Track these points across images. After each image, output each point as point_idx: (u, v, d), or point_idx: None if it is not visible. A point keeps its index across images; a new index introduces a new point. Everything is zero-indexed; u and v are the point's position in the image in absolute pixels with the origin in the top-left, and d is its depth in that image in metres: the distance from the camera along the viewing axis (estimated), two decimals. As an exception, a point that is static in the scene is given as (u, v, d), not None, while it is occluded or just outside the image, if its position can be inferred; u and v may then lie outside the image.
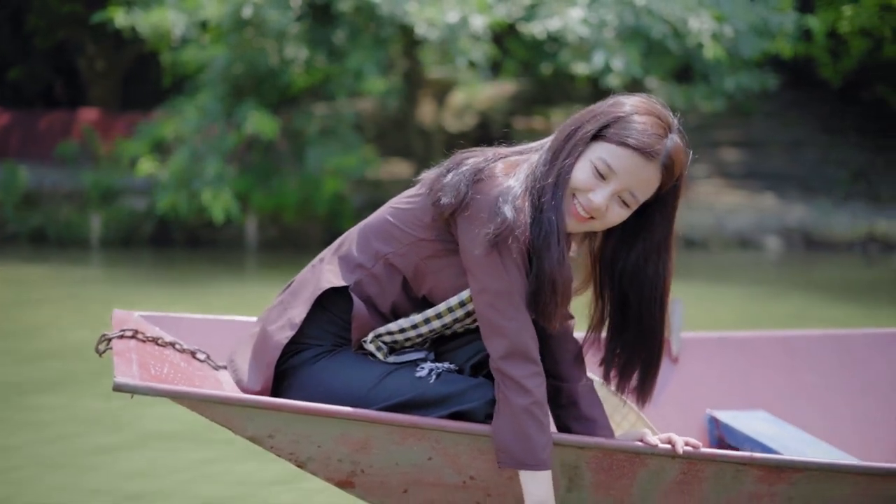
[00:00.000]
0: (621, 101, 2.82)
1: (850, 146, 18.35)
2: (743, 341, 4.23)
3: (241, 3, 12.85)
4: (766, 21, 14.49)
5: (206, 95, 13.46)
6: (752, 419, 3.98)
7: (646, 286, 2.91)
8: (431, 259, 2.84)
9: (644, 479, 2.84)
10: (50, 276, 11.85)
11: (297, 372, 2.88)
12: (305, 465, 2.87)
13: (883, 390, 4.24)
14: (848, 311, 9.86)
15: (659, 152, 2.75)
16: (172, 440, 5.04)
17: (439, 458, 2.83)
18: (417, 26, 13.14)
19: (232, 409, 2.75)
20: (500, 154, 2.85)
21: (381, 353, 2.89)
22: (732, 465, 2.83)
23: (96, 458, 4.68)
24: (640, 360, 2.98)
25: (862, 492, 2.87)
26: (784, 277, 13.40)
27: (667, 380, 4.08)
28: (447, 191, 2.74)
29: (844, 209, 16.53)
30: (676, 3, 13.68)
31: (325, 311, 2.89)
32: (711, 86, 14.49)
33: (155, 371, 2.89)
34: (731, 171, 17.83)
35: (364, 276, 2.88)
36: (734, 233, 15.88)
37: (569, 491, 2.87)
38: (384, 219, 2.91)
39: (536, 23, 13.49)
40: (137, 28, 13.60)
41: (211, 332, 3.40)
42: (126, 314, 3.26)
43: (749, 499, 2.87)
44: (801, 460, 2.86)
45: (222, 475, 4.48)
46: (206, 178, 12.93)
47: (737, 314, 9.71)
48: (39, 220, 14.78)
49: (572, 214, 2.77)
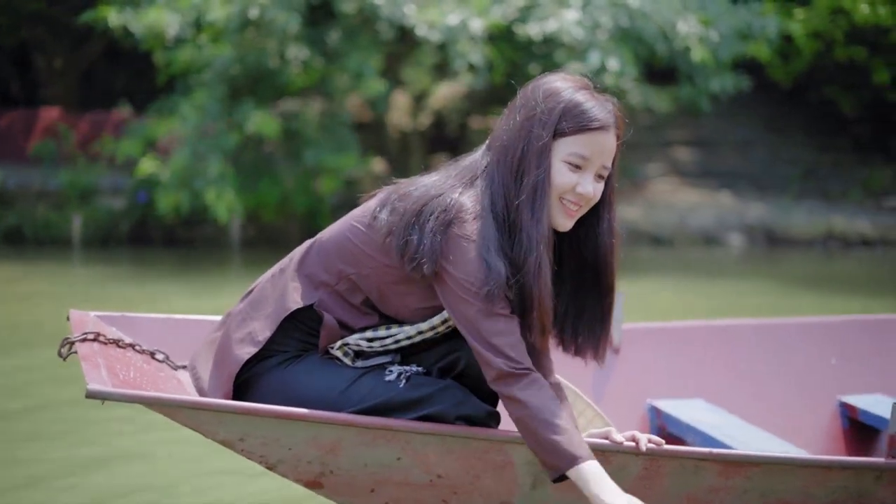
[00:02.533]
0: (549, 89, 2.80)
1: (798, 146, 18.82)
2: (681, 331, 4.34)
3: (247, 3, 12.81)
4: (750, 25, 14.82)
5: (205, 95, 13.30)
6: (691, 408, 4.10)
7: (602, 237, 2.94)
8: (396, 284, 2.83)
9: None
10: (38, 275, 11.69)
11: (263, 378, 2.89)
12: (275, 466, 2.89)
13: (814, 377, 4.39)
14: (822, 302, 10.22)
15: (611, 121, 2.82)
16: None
17: (408, 458, 2.87)
18: (418, 28, 13.16)
19: (204, 415, 2.76)
20: (452, 187, 2.79)
21: (347, 358, 2.91)
22: (693, 460, 2.92)
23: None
24: (598, 318, 2.99)
25: (813, 483, 2.98)
26: (754, 272, 13.72)
27: (609, 371, 4.18)
28: (427, 261, 2.71)
29: (800, 207, 16.97)
30: (665, 7, 13.94)
31: (290, 321, 2.89)
32: (696, 87, 14.77)
33: (123, 375, 2.88)
34: (686, 169, 18.17)
35: (328, 294, 2.88)
36: (698, 230, 16.22)
37: (533, 489, 2.93)
38: (346, 237, 2.89)
39: (533, 24, 13.62)
40: (130, 28, 13.40)
41: (167, 331, 3.40)
42: (83, 315, 3.24)
43: (707, 492, 2.96)
44: (759, 455, 2.96)
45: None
46: (209, 177, 12.81)
47: (714, 306, 9.95)
48: (14, 219, 14.56)
49: (565, 214, 2.79)
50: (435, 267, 2.72)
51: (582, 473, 2.67)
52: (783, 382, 4.38)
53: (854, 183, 18.06)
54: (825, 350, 4.44)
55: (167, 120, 13.53)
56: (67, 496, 4.26)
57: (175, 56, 13.41)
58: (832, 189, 17.89)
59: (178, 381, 3.13)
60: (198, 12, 13.19)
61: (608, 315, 3.01)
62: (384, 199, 2.87)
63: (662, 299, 10.03)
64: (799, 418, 4.33)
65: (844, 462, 2.99)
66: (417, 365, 2.92)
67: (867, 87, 18.10)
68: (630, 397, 4.16)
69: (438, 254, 2.71)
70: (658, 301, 9.79)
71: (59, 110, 17.09)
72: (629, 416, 4.11)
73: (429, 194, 2.79)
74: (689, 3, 14.31)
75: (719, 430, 3.81)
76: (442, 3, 13.35)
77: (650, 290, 10.54)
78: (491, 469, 2.88)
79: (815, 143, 18.88)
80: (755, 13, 15.01)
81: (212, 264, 12.98)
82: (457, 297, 2.73)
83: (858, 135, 19.16)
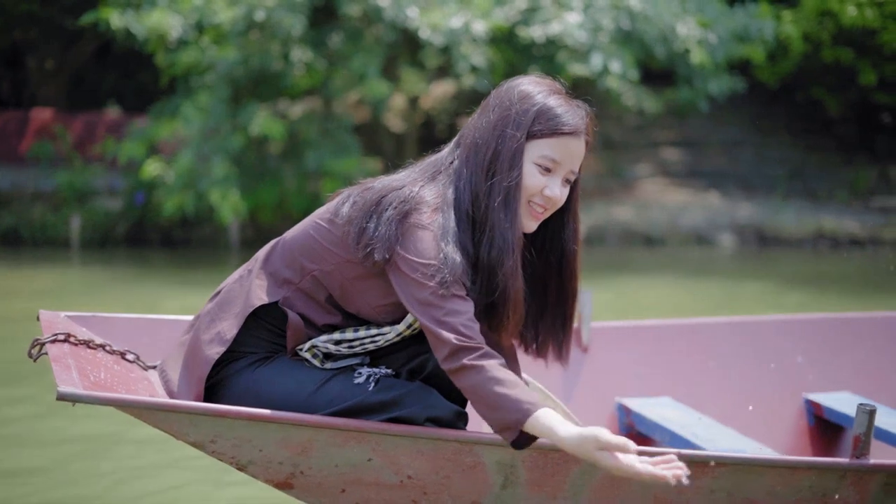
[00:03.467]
0: (524, 91, 2.83)
1: (784, 146, 18.98)
2: (649, 329, 4.38)
3: (253, 6, 12.80)
4: (747, 27, 14.92)
5: (208, 96, 13.27)
6: (659, 406, 4.14)
7: (567, 244, 2.97)
8: (357, 280, 2.85)
9: (576, 476, 2.94)
10: (38, 276, 11.63)
11: (233, 379, 2.90)
12: (246, 467, 2.90)
13: (780, 375, 4.44)
14: (820, 301, 10.35)
15: (583, 127, 2.84)
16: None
17: (378, 459, 2.89)
18: (421, 31, 13.17)
19: (176, 417, 2.77)
20: (413, 181, 2.83)
21: (316, 360, 2.92)
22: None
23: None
24: (561, 320, 3.03)
25: (779, 483, 3.02)
26: (750, 272, 13.84)
27: (577, 369, 4.21)
28: (378, 246, 2.72)
29: (788, 207, 17.12)
30: (664, 10, 14.01)
31: (257, 321, 2.91)
32: (694, 89, 14.86)
33: (94, 377, 2.88)
34: (673, 170, 18.27)
35: (292, 292, 2.90)
36: (689, 230, 16.34)
37: (503, 488, 2.96)
38: (309, 234, 2.91)
39: (536, 27, 13.65)
40: (132, 29, 13.36)
41: (138, 331, 3.40)
42: (53, 315, 3.23)
43: (675, 492, 2.99)
44: (725, 455, 2.99)
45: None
46: (214, 178, 12.78)
47: (715, 304, 10.04)
48: (11, 220, 14.48)
49: (531, 216, 2.82)
50: (387, 253, 2.72)
51: (539, 422, 2.58)
52: (750, 380, 4.42)
53: (840, 183, 18.24)
54: (791, 348, 4.50)
55: (170, 121, 13.53)
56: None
57: (178, 58, 13.39)
58: (819, 189, 18.06)
59: (148, 382, 3.13)
60: (200, 14, 13.20)
61: (570, 319, 3.06)
62: (347, 195, 2.91)
63: (667, 297, 10.14)
64: (765, 416, 4.37)
65: (810, 462, 3.03)
66: (386, 367, 2.94)
67: (853, 88, 18.28)
68: (599, 396, 4.19)
69: (393, 241, 2.73)
70: (664, 299, 9.92)
71: (51, 111, 17.07)
72: (598, 414, 4.14)
73: (390, 186, 2.83)
74: (688, 6, 14.42)
75: (687, 428, 3.85)
76: (444, 5, 13.38)
77: (645, 288, 10.65)
78: (461, 470, 2.90)
79: (800, 144, 19.06)
80: (752, 16, 15.13)
81: (210, 265, 13.00)
82: (410, 280, 2.72)
83: (843, 135, 19.37)
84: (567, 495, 2.98)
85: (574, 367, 4.19)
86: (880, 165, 18.64)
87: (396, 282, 2.76)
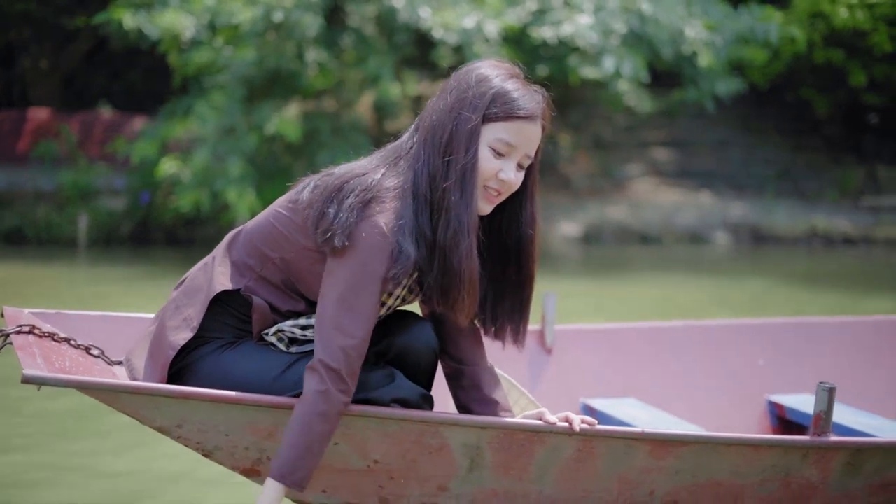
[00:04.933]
0: (482, 75, 2.85)
1: (772, 146, 19.16)
2: (613, 332, 4.42)
3: (271, 6, 12.87)
4: (753, 30, 15.13)
5: (223, 96, 13.31)
6: (623, 406, 4.17)
7: (524, 228, 2.97)
8: (316, 266, 2.86)
9: (542, 458, 2.96)
10: (46, 277, 11.52)
11: (198, 365, 2.90)
12: (212, 454, 2.90)
13: (743, 377, 4.49)
14: (824, 298, 10.43)
15: (539, 111, 2.85)
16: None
17: (345, 443, 2.89)
18: (434, 30, 13.27)
19: (141, 399, 2.77)
20: (375, 168, 2.86)
21: (282, 343, 2.94)
22: (624, 440, 2.97)
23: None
24: (518, 304, 3.02)
25: (742, 463, 3.05)
26: (748, 269, 13.91)
27: (542, 371, 4.24)
28: (339, 233, 2.73)
29: (780, 206, 17.28)
30: (672, 13, 14.20)
31: (223, 307, 2.92)
32: (700, 90, 15.04)
33: (59, 364, 2.89)
34: (664, 170, 18.38)
35: (254, 280, 2.92)
36: (683, 228, 16.44)
37: (470, 471, 2.97)
38: (269, 223, 2.93)
39: (548, 27, 13.79)
40: (144, 30, 13.41)
41: (100, 328, 3.39)
42: (17, 311, 3.23)
43: (639, 473, 3.02)
44: (687, 434, 3.02)
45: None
46: (230, 177, 12.81)
47: (721, 301, 10.08)
48: (15, 220, 14.38)
49: (485, 199, 2.83)
50: (347, 240, 2.73)
51: (274, 489, 2.71)
52: (713, 382, 4.47)
53: (829, 183, 18.44)
54: (753, 351, 4.55)
55: (182, 121, 13.57)
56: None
57: (191, 58, 13.46)
58: (807, 189, 18.24)
59: (113, 376, 3.13)
60: (212, 15, 13.29)
61: (527, 303, 3.05)
62: (308, 181, 2.93)
63: (672, 295, 10.19)
64: (729, 417, 4.41)
65: (772, 440, 3.06)
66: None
67: (842, 90, 18.51)
68: (563, 397, 4.21)
69: (352, 228, 2.74)
70: (670, 297, 9.98)
71: (48, 111, 17.03)
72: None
73: (352, 172, 2.85)
74: (693, 10, 14.64)
75: (654, 426, 3.87)
76: (457, 5, 13.50)
77: (649, 286, 10.71)
78: (427, 452, 2.91)
79: (788, 144, 19.23)
80: (756, 18, 15.36)
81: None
82: (341, 277, 2.74)
83: (830, 135, 19.58)
84: (533, 477, 2.99)
85: (538, 367, 4.22)
86: (867, 165, 18.88)
87: (332, 265, 2.77)
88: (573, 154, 17.82)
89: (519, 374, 4.13)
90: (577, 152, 17.94)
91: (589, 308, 9.36)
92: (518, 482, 3.00)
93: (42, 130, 16.46)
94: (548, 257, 13.65)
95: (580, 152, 18.01)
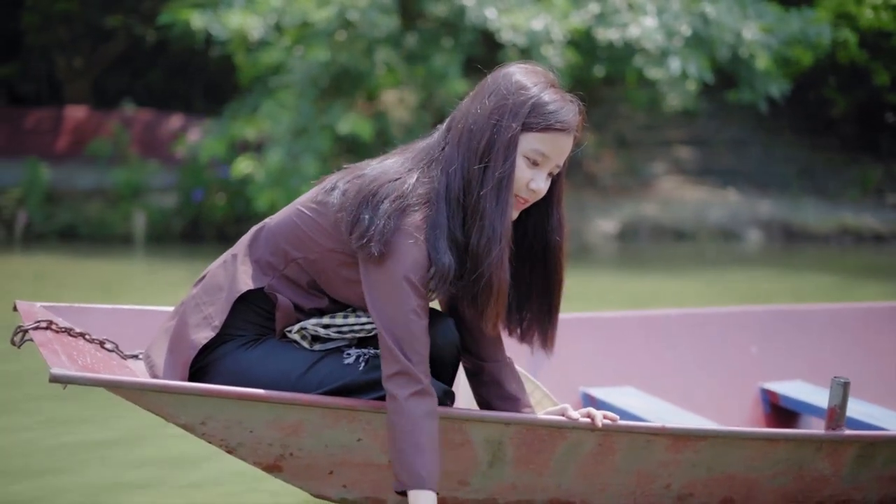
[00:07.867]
0: (521, 82, 2.82)
1: (789, 145, 19.21)
2: (611, 321, 4.45)
3: (346, 6, 12.86)
4: (805, 32, 15.25)
5: (292, 96, 13.25)
6: (622, 394, 4.21)
7: (551, 235, 2.96)
8: (342, 268, 2.85)
9: (562, 453, 2.98)
10: (112, 273, 11.45)
11: (221, 362, 2.89)
12: (235, 450, 2.90)
13: (737, 365, 4.55)
14: (870, 291, 10.51)
15: (575, 123, 2.84)
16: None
17: (368, 438, 2.90)
18: (503, 32, 13.30)
19: (167, 397, 2.76)
20: (408, 171, 2.83)
21: (305, 341, 2.93)
22: (644, 435, 3.00)
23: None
24: (546, 308, 3.03)
25: (757, 456, 3.09)
26: (786, 265, 13.99)
27: (542, 359, 4.24)
28: (376, 240, 2.72)
29: (805, 203, 17.36)
30: (730, 15, 14.33)
31: (245, 304, 2.90)
32: (755, 91, 15.14)
33: (81, 361, 2.87)
34: (687, 168, 18.41)
35: (277, 278, 2.90)
36: (715, 225, 16.51)
37: (490, 466, 2.99)
38: (293, 222, 2.91)
39: (614, 30, 13.84)
40: (211, 31, 13.36)
41: (113, 322, 3.37)
42: (30, 305, 3.21)
43: (657, 466, 3.05)
44: (706, 429, 3.06)
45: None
46: (305, 176, 12.75)
47: (767, 295, 10.11)
48: (68, 217, 14.30)
49: (514, 207, 2.82)
50: (384, 248, 2.72)
51: (419, 499, 2.70)
52: (708, 370, 4.52)
53: (848, 181, 18.53)
54: (746, 339, 4.60)
55: (250, 120, 13.53)
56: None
57: (261, 58, 13.44)
58: (829, 187, 18.35)
59: (129, 370, 3.12)
60: (279, 15, 13.29)
61: (556, 309, 3.05)
62: (334, 182, 2.90)
63: (726, 290, 10.21)
64: (723, 404, 4.47)
65: (788, 434, 3.11)
66: (374, 347, 2.95)
67: (863, 89, 18.63)
68: (563, 385, 4.24)
69: (389, 236, 2.72)
70: (723, 292, 10.01)
71: (85, 110, 16.97)
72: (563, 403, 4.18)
73: (385, 176, 2.81)
74: (748, 12, 14.77)
75: (654, 414, 3.91)
76: (523, 7, 13.55)
77: (693, 281, 10.77)
78: (449, 448, 2.93)
79: (805, 143, 19.31)
80: (808, 20, 15.50)
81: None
82: (386, 290, 2.74)
83: (846, 134, 19.70)
84: (552, 472, 3.02)
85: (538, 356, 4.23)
86: (885, 164, 19.03)
87: (369, 278, 2.76)
88: (597, 152, 17.85)
89: (519, 363, 4.14)
90: (602, 150, 17.98)
91: (631, 303, 9.41)
92: (538, 477, 3.02)
93: (82, 129, 16.38)
94: (586, 253, 13.81)
95: (605, 150, 18.04)
